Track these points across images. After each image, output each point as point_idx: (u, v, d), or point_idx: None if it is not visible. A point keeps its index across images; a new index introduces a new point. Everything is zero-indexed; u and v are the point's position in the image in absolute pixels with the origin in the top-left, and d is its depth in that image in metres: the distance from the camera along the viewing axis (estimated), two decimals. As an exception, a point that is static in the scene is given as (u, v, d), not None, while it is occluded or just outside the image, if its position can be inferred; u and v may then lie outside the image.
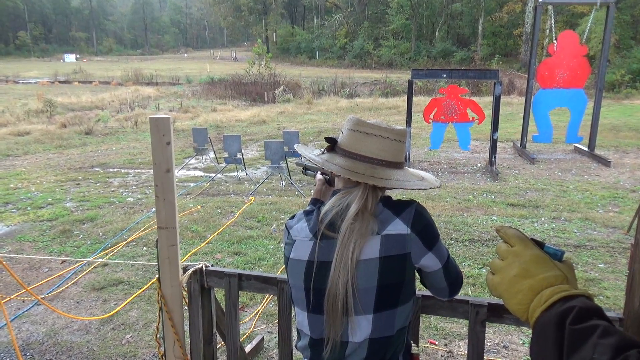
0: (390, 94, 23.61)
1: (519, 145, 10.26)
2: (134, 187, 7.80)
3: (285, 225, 1.30)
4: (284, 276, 1.98)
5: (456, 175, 8.46)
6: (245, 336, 3.37)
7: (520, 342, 3.28)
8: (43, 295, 4.05)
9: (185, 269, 2.12)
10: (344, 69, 37.62)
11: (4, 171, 9.12)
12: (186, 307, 2.17)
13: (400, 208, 1.16)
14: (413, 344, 1.31)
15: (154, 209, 3.63)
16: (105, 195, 7.31)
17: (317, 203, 1.25)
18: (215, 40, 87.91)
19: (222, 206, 6.58)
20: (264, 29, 59.14)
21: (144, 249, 5.13)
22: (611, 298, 3.82)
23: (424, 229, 1.15)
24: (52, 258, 4.90)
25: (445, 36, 44.47)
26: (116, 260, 4.78)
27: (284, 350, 2.09)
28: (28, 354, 3.28)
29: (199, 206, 6.56)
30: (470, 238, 5.19)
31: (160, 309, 2.11)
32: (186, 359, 2.15)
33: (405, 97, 9.15)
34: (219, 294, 2.38)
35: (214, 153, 9.19)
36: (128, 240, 5.33)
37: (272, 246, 5.07)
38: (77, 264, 4.72)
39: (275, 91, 22.58)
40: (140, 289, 4.14)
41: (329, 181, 1.39)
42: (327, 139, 1.26)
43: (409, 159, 9.08)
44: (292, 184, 7.59)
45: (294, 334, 1.33)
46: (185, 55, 65.82)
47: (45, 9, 79.53)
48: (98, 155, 10.77)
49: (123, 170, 9.10)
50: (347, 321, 1.15)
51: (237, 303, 2.15)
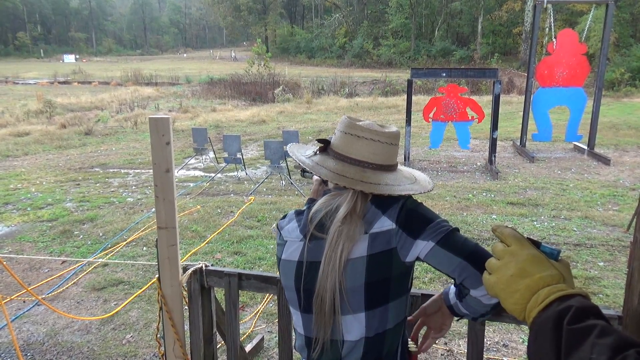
0: (389, 93, 23.61)
1: (518, 143, 10.26)
2: (133, 187, 7.80)
3: (277, 226, 1.29)
4: (284, 275, 1.99)
5: (456, 174, 8.46)
6: (245, 335, 3.37)
7: (520, 341, 3.28)
8: (43, 296, 4.06)
9: (185, 269, 2.13)
10: (343, 68, 37.65)
11: (4, 172, 9.12)
12: (186, 307, 2.17)
13: (387, 205, 1.15)
14: (410, 342, 1.31)
15: (153, 209, 3.64)
16: (105, 195, 7.31)
17: (313, 202, 1.25)
18: (214, 40, 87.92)
19: (222, 206, 6.58)
20: (263, 28, 59.15)
21: (144, 249, 5.13)
22: (611, 296, 3.82)
23: (407, 219, 1.12)
24: (52, 258, 4.91)
25: (445, 35, 44.46)
26: (116, 261, 4.78)
27: (284, 350, 2.10)
28: (29, 354, 3.28)
29: (198, 206, 6.56)
30: (470, 237, 5.18)
31: (161, 308, 2.11)
32: (186, 359, 2.15)
33: (405, 96, 9.15)
34: (219, 293, 2.38)
35: (214, 153, 9.19)
36: (128, 240, 5.34)
37: (272, 246, 5.08)
38: (78, 264, 4.72)
39: (275, 91, 22.57)
40: (141, 288, 4.15)
41: (325, 181, 1.39)
42: (319, 140, 1.25)
43: (408, 157, 9.08)
44: (292, 183, 7.60)
45: (294, 334, 1.34)
46: (185, 55, 65.83)
47: (45, 10, 79.51)
48: (98, 155, 10.78)
49: (123, 171, 9.10)
50: (339, 321, 1.15)
51: (237, 302, 2.15)
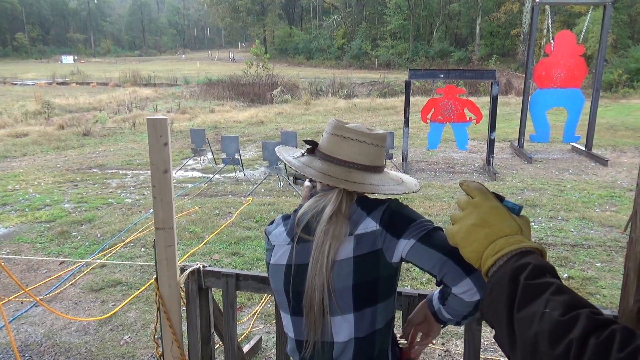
0: (388, 95, 23.64)
1: (516, 144, 10.29)
2: (132, 188, 7.79)
3: (265, 231, 1.31)
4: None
5: (454, 175, 8.48)
6: (243, 336, 3.37)
7: (518, 341, 3.29)
8: (41, 297, 4.05)
9: (182, 270, 2.13)
10: (341, 70, 37.68)
11: (2, 173, 9.11)
12: (184, 308, 2.17)
13: (372, 207, 1.16)
14: (400, 338, 1.32)
15: (152, 210, 3.65)
16: (103, 196, 7.31)
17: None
18: (213, 41, 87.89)
19: (220, 207, 6.58)
20: (261, 29, 59.19)
21: (142, 249, 5.13)
22: (608, 297, 3.83)
23: (391, 219, 1.12)
24: (50, 259, 4.90)
25: (443, 36, 44.55)
26: (114, 261, 4.78)
27: (282, 350, 2.10)
28: (26, 355, 3.28)
29: (197, 207, 6.56)
30: (468, 238, 5.20)
31: (158, 309, 2.11)
32: (184, 359, 2.16)
33: (403, 98, 9.17)
34: (217, 294, 2.39)
35: (212, 154, 9.19)
36: (126, 241, 5.33)
37: (270, 246, 5.07)
38: (75, 265, 4.72)
39: (273, 92, 22.58)
40: (139, 289, 4.14)
41: (314, 186, 1.39)
42: (307, 142, 1.27)
43: (406, 158, 9.09)
44: (290, 184, 7.60)
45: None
46: (183, 56, 65.82)
47: (43, 11, 79.43)
48: (96, 156, 10.77)
49: (121, 172, 9.10)
50: (328, 322, 1.16)
51: (235, 303, 2.15)
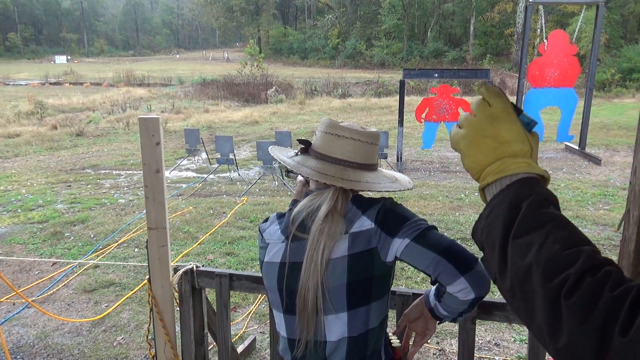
0: (382, 94, 23.67)
1: (510, 144, 10.31)
2: (125, 189, 7.75)
3: (259, 229, 1.31)
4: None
5: (448, 174, 8.49)
6: (237, 336, 3.36)
7: (512, 340, 3.29)
8: (33, 298, 4.02)
9: (176, 270, 2.11)
10: (336, 69, 37.66)
11: (-6, 173, 9.04)
12: (177, 308, 2.16)
13: (367, 205, 1.16)
14: (393, 337, 1.32)
15: (145, 210, 3.60)
16: (97, 196, 7.26)
17: (296, 204, 1.25)
18: (207, 41, 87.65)
19: (215, 207, 6.56)
20: (256, 29, 59.08)
21: (136, 250, 5.10)
22: (602, 295, 3.85)
23: (385, 218, 1.12)
24: (43, 260, 4.86)
25: (437, 36, 44.65)
26: (107, 262, 4.75)
27: (276, 351, 2.09)
28: (18, 356, 3.25)
29: (191, 207, 6.54)
30: (462, 237, 5.21)
31: (151, 310, 2.10)
32: (177, 360, 2.14)
33: (398, 97, 9.18)
34: (211, 294, 2.37)
35: (206, 154, 9.16)
36: (119, 242, 5.30)
37: (265, 246, 5.06)
38: (68, 266, 4.69)
39: (268, 92, 22.54)
40: (132, 290, 4.12)
41: (309, 182, 1.39)
42: (300, 141, 1.27)
43: (401, 158, 9.10)
44: (285, 184, 7.59)
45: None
46: (177, 56, 65.60)
47: (36, 10, 78.90)
48: (89, 156, 10.70)
49: (114, 172, 9.05)
50: (321, 321, 1.15)
51: (229, 303, 2.14)
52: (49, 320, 3.70)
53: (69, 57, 60.54)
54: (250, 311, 3.72)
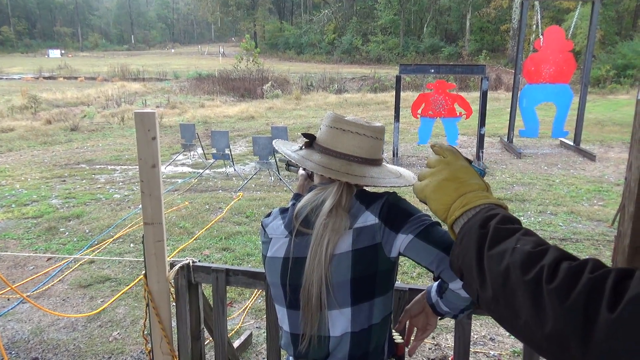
0: (378, 90, 23.64)
1: (505, 140, 10.35)
2: (120, 184, 7.73)
3: (262, 224, 1.30)
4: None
5: (444, 170, 8.50)
6: (233, 331, 3.36)
7: (507, 335, 3.31)
8: (28, 293, 4.01)
9: (172, 265, 2.11)
10: (332, 65, 37.58)
11: (-12, 168, 8.98)
12: (174, 303, 2.16)
13: (371, 200, 1.16)
14: (396, 333, 1.32)
15: (141, 206, 3.57)
16: (92, 192, 7.23)
17: (299, 198, 1.25)
18: (202, 35, 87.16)
19: (210, 202, 6.55)
20: (252, 24, 58.83)
21: (131, 245, 5.09)
22: (596, 290, 3.88)
23: (389, 213, 1.12)
24: (38, 255, 4.85)
25: (434, 32, 44.60)
26: (103, 257, 4.74)
27: (273, 345, 2.09)
28: (13, 352, 3.24)
29: (186, 202, 6.52)
30: (458, 232, 5.23)
31: (147, 305, 2.09)
32: (174, 355, 2.14)
33: (394, 93, 9.17)
34: (207, 289, 2.37)
35: (202, 149, 9.13)
36: (115, 237, 5.29)
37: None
38: (63, 262, 4.67)
39: (264, 87, 22.48)
40: (128, 285, 4.11)
41: (311, 176, 1.38)
42: (305, 135, 1.26)
43: (397, 153, 9.11)
44: (281, 179, 7.58)
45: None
46: (173, 50, 65.22)
47: (29, 4, 78.19)
48: (84, 151, 10.65)
49: (110, 167, 9.01)
50: (325, 316, 1.15)
51: (225, 298, 2.14)
52: (44, 316, 3.69)
53: (63, 51, 60.05)
54: (247, 306, 3.72)
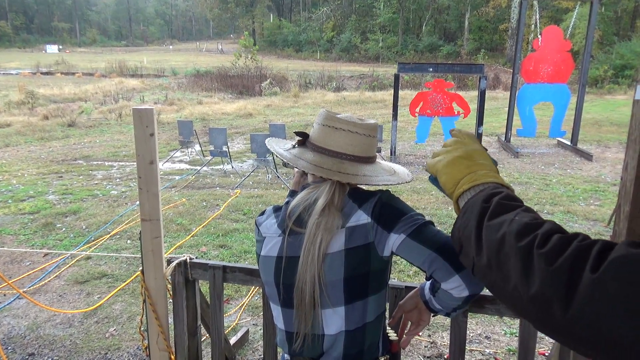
0: (377, 88, 23.65)
1: (503, 139, 10.37)
2: (118, 180, 7.71)
3: (255, 222, 1.30)
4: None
5: (441, 168, 8.51)
6: (230, 328, 3.37)
7: (502, 333, 3.33)
8: (25, 289, 4.00)
9: (169, 261, 2.11)
10: (331, 62, 37.56)
11: (-16, 163, 8.95)
12: (170, 300, 2.16)
13: (364, 199, 1.15)
14: (390, 331, 1.32)
15: (138, 202, 3.56)
16: (89, 188, 7.22)
17: (294, 195, 1.25)
18: (201, 32, 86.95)
19: (208, 199, 6.54)
20: (250, 21, 58.72)
21: (128, 242, 5.08)
22: (591, 289, 3.89)
23: (382, 212, 1.12)
24: (34, 251, 4.84)
25: (432, 30, 44.61)
26: (100, 253, 4.73)
27: (269, 342, 2.10)
28: (10, 347, 3.24)
29: (184, 199, 6.52)
30: (455, 231, 5.24)
31: (144, 301, 2.09)
32: (170, 352, 2.14)
33: (392, 91, 9.17)
34: (204, 286, 2.37)
35: (200, 146, 9.12)
36: (112, 233, 5.28)
37: (258, 239, 5.06)
38: (60, 257, 4.66)
39: (262, 84, 22.45)
40: (125, 282, 4.11)
41: (306, 174, 1.39)
42: (297, 133, 1.25)
43: (395, 152, 9.11)
44: (279, 177, 7.58)
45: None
46: (171, 47, 65.06)
47: (27, -1, 77.87)
48: (81, 147, 10.62)
49: (107, 163, 8.99)
50: (319, 314, 1.15)
51: (222, 295, 2.14)
52: (40, 312, 3.68)
53: (60, 47, 59.84)
54: (243, 303, 3.73)
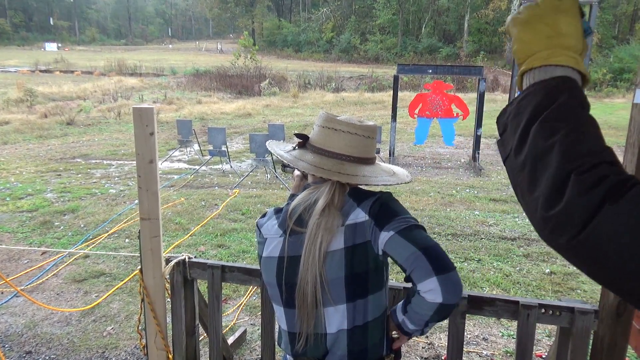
0: (376, 89, 23.65)
1: (502, 141, 10.36)
2: (116, 179, 7.70)
3: (257, 224, 1.31)
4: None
5: (440, 170, 8.53)
6: (228, 328, 3.37)
7: (500, 334, 3.33)
8: (22, 287, 3.99)
9: (168, 261, 2.11)
10: (330, 63, 37.57)
11: (-17, 161, 8.93)
12: (169, 299, 2.16)
13: (363, 197, 1.17)
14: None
15: (136, 201, 3.58)
16: (87, 186, 7.21)
17: (294, 198, 1.26)
18: (200, 31, 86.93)
19: (206, 199, 6.54)
20: (250, 21, 58.71)
21: (127, 240, 5.08)
22: (588, 292, 3.90)
23: (379, 211, 1.14)
24: (32, 249, 4.83)
25: (432, 32, 44.67)
26: (98, 252, 4.73)
27: (267, 342, 2.10)
28: (7, 345, 3.23)
29: (182, 198, 6.51)
30: (453, 232, 5.25)
31: (143, 300, 2.10)
32: (168, 351, 2.15)
33: (391, 92, 9.18)
34: (202, 285, 2.37)
35: (199, 145, 9.12)
36: (110, 232, 5.28)
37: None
38: (58, 256, 4.66)
39: (261, 84, 22.45)
40: (122, 280, 4.11)
41: (306, 176, 1.40)
42: (297, 135, 1.27)
43: (393, 153, 9.12)
44: (277, 177, 7.58)
45: (277, 326, 1.34)
46: (170, 46, 64.99)
47: (26, -4, 77.70)
48: (80, 146, 10.61)
49: (105, 162, 8.98)
50: (321, 313, 1.16)
51: (220, 294, 2.15)
52: (38, 310, 3.68)
53: (59, 45, 59.68)
54: (241, 303, 3.73)
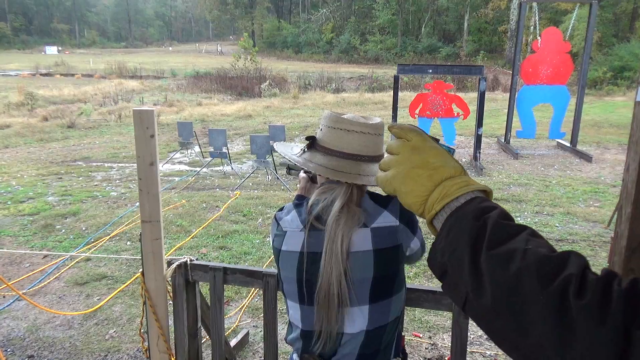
0: (376, 89, 23.64)
1: (503, 140, 10.37)
2: (117, 182, 7.70)
3: (275, 217, 1.28)
4: (270, 270, 1.98)
5: (441, 170, 8.51)
6: (230, 330, 3.36)
7: (503, 335, 3.32)
8: (24, 291, 3.99)
9: (169, 263, 2.11)
10: (330, 64, 37.59)
11: (-16, 165, 8.93)
12: (171, 302, 2.15)
13: (386, 201, 1.19)
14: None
15: (138, 203, 3.57)
16: (88, 189, 7.21)
17: (302, 199, 1.25)
18: (200, 33, 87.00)
19: (208, 200, 6.53)
20: (250, 22, 58.76)
21: (128, 243, 5.08)
22: (591, 291, 3.89)
23: (411, 218, 1.20)
24: (34, 253, 4.83)
25: (431, 32, 44.66)
26: (99, 255, 4.72)
27: (270, 344, 2.09)
28: (9, 349, 3.23)
29: (184, 200, 6.51)
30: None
31: (144, 303, 2.09)
32: (170, 354, 2.14)
33: (392, 92, 9.17)
34: (204, 288, 2.37)
35: (199, 147, 9.11)
36: (111, 235, 5.27)
37: (258, 240, 5.06)
38: (60, 259, 4.65)
39: (261, 85, 22.45)
40: (124, 283, 4.10)
41: (312, 178, 1.38)
42: (308, 138, 1.25)
43: (394, 153, 9.10)
44: (278, 178, 7.58)
45: (280, 328, 1.34)
46: (170, 48, 65.08)
47: (26, 0, 77.80)
48: (81, 149, 10.61)
49: (106, 165, 8.98)
50: (343, 313, 1.16)
51: (222, 297, 2.14)
52: (40, 313, 3.67)
53: (59, 48, 59.79)
54: (244, 305, 3.72)
